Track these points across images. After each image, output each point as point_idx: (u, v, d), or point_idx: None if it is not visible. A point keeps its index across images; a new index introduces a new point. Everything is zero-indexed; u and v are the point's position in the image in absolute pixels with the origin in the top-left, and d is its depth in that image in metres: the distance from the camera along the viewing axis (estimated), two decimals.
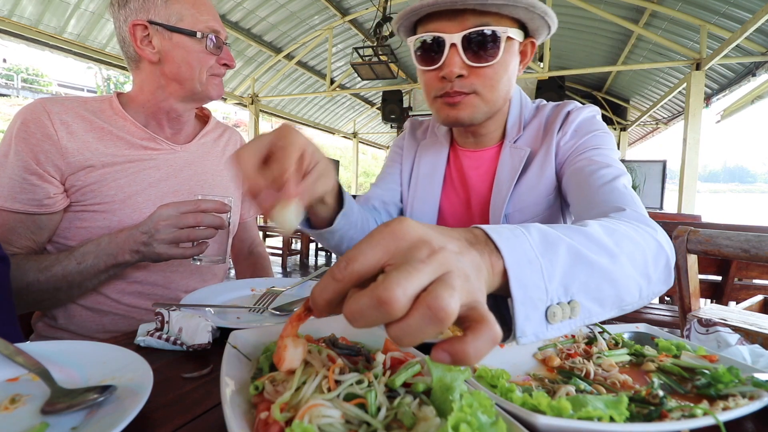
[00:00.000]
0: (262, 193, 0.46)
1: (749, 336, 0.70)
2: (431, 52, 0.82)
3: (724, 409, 0.40)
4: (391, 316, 0.27)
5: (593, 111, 0.94)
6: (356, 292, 0.29)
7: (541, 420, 0.35)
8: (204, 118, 1.14)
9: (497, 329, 0.29)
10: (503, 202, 0.91)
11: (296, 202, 0.46)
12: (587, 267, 0.42)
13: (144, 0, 0.90)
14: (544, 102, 1.01)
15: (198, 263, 0.86)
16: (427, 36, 0.81)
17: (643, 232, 0.55)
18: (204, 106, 1.18)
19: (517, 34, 0.81)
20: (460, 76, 0.81)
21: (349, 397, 0.33)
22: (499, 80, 0.83)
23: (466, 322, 0.30)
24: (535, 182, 0.91)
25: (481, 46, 0.79)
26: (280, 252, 5.63)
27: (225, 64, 0.98)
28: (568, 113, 0.93)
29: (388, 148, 13.79)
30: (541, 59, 5.99)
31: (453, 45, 0.79)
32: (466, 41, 0.78)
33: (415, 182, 1.04)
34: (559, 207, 0.93)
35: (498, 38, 0.79)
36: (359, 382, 0.34)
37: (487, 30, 0.78)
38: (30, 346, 0.49)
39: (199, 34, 0.91)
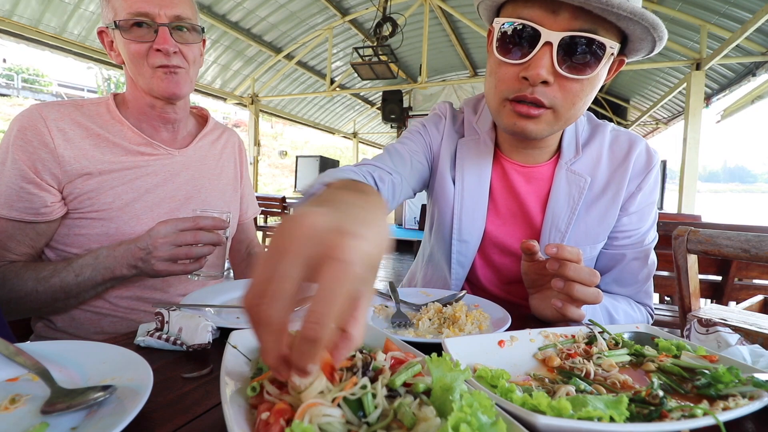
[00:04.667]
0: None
1: (749, 336, 0.70)
2: (518, 43, 0.70)
3: (724, 409, 0.40)
4: None
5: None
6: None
7: (541, 420, 0.34)
8: (203, 119, 1.13)
9: None
10: (560, 236, 0.86)
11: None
12: (610, 319, 0.84)
13: (102, 7, 0.90)
14: (597, 120, 0.94)
15: (196, 278, 0.86)
16: (520, 25, 0.68)
17: (642, 320, 0.91)
18: (202, 106, 1.18)
19: (617, 51, 0.70)
20: (545, 82, 0.69)
21: (347, 399, 0.33)
22: (583, 98, 0.73)
23: None
24: (594, 225, 0.87)
25: (580, 55, 0.67)
26: None
27: (159, 50, 0.85)
28: (652, 167, 0.87)
29: None
30: None
31: (548, 44, 0.67)
32: (566, 44, 0.66)
33: (461, 192, 0.93)
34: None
35: (603, 51, 0.67)
36: (362, 387, 0.34)
37: (595, 38, 0.66)
38: (30, 346, 0.49)
39: (119, 23, 0.84)
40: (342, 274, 0.28)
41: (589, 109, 0.93)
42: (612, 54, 0.69)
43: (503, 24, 0.71)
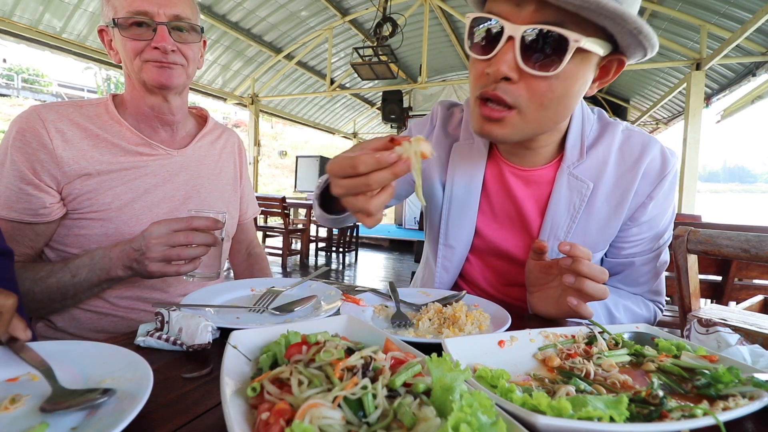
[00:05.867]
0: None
1: (749, 336, 0.70)
2: (486, 38, 0.67)
3: (724, 409, 0.40)
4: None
5: (676, 160, 0.83)
6: None
7: (541, 420, 0.35)
8: (202, 119, 1.13)
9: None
10: (557, 242, 0.82)
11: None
12: (609, 316, 0.83)
13: (103, 5, 0.90)
14: (609, 118, 0.88)
15: (191, 279, 0.84)
16: (485, 19, 0.66)
17: (648, 316, 0.90)
18: (201, 106, 1.18)
19: (597, 46, 0.64)
20: (509, 78, 0.66)
21: (347, 399, 0.33)
22: (553, 99, 0.68)
23: None
24: (594, 233, 0.84)
25: (541, 50, 0.63)
26: (280, 252, 5.63)
27: (156, 48, 0.86)
28: (666, 174, 0.81)
29: None
30: None
31: (511, 38, 0.64)
32: (529, 39, 0.63)
33: (449, 198, 0.92)
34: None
35: (564, 45, 0.62)
36: (363, 387, 0.34)
37: (554, 32, 0.62)
38: (30, 346, 0.49)
39: (118, 21, 0.85)
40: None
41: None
42: (580, 49, 0.63)
43: (473, 19, 0.69)
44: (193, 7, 0.92)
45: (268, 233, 6.19)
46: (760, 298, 1.34)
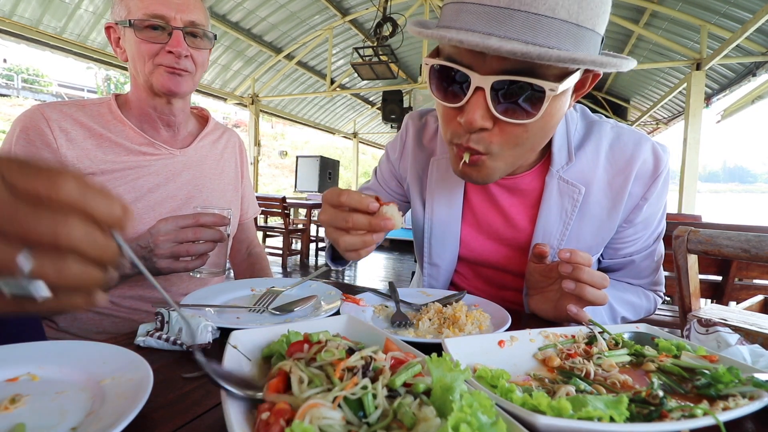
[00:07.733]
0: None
1: (749, 336, 0.70)
2: (452, 85, 0.63)
3: (724, 409, 0.40)
4: None
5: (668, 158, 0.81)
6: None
7: (541, 420, 0.35)
8: (204, 119, 1.14)
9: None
10: (552, 252, 0.80)
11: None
12: (610, 311, 0.84)
13: (114, 3, 0.90)
14: (593, 115, 0.85)
15: (198, 276, 0.85)
16: (450, 68, 0.62)
17: (648, 306, 0.92)
18: (202, 107, 1.18)
19: (571, 79, 0.60)
20: (483, 129, 0.63)
21: (347, 399, 0.33)
22: (528, 138, 0.66)
23: None
24: (587, 238, 0.83)
25: (516, 99, 0.60)
26: (280, 252, 5.63)
27: (171, 52, 0.87)
28: (659, 174, 0.79)
29: None
30: None
31: (480, 89, 0.60)
32: (499, 87, 0.59)
33: (430, 216, 0.90)
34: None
35: (540, 95, 0.59)
36: (363, 387, 0.34)
37: (530, 82, 0.57)
38: (30, 346, 0.49)
39: (134, 22, 0.85)
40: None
41: (589, 109, 0.90)
42: (553, 94, 0.58)
43: (432, 65, 0.64)
44: (206, 14, 0.93)
45: (268, 233, 6.19)
46: (760, 298, 1.35)
